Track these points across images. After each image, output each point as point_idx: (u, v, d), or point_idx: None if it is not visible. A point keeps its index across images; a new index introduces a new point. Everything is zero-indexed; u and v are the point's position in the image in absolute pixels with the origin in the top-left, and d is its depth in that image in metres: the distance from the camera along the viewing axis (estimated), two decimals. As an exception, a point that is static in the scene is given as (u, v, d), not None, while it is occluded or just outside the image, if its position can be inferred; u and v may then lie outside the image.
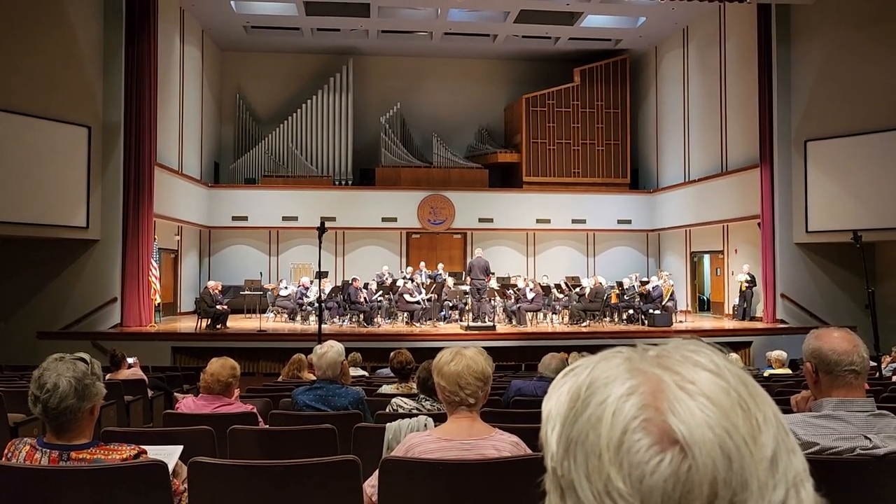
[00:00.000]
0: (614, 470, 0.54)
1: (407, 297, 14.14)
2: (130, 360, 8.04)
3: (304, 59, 20.21)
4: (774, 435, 0.56)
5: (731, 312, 16.20)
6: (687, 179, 18.21)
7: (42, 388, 2.12)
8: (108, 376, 6.99)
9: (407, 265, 18.03)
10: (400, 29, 18.56)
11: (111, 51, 13.36)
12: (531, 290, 14.35)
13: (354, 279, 14.49)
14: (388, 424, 3.16)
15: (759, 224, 14.86)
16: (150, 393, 7.33)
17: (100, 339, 12.20)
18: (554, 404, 0.62)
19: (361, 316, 14.17)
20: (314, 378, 4.97)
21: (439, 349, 2.65)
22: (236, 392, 4.22)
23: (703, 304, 18.40)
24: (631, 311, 14.90)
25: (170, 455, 2.68)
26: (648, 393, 0.56)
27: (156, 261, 13.80)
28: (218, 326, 13.22)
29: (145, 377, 7.62)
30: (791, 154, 14.52)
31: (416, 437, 2.49)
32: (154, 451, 2.53)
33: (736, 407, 0.56)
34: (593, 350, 0.68)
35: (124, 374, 7.57)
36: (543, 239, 19.75)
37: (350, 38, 19.02)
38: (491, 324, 13.80)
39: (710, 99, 17.29)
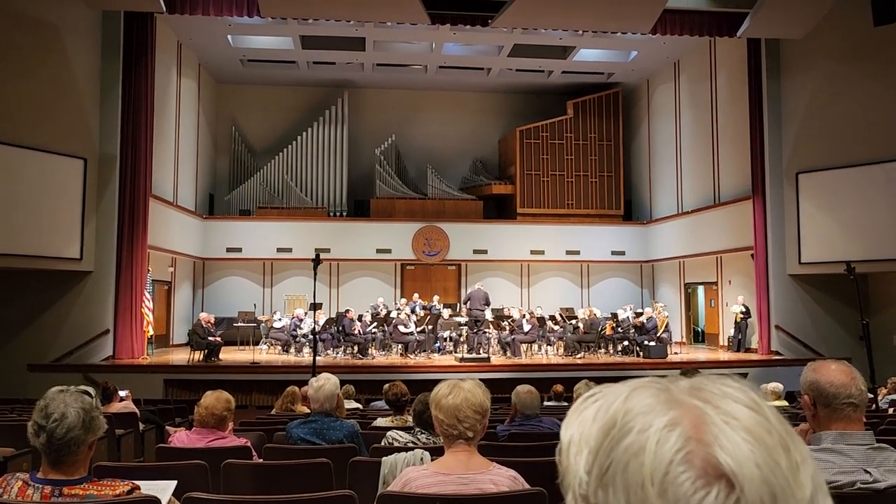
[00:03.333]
0: (659, 502, 0.54)
1: (401, 328, 14.09)
2: (122, 393, 7.94)
3: (299, 91, 20.38)
4: (812, 476, 0.56)
5: (725, 344, 16.18)
6: (680, 211, 18.32)
7: (49, 417, 2.10)
8: (99, 409, 6.90)
9: (401, 297, 17.99)
10: (395, 62, 18.76)
11: (108, 83, 13.45)
12: (527, 321, 14.33)
13: (349, 311, 14.45)
14: (384, 458, 3.13)
15: (752, 255, 14.93)
16: (141, 426, 7.24)
17: (91, 371, 12.07)
18: (577, 430, 0.61)
19: (356, 348, 14.10)
20: (308, 411, 4.93)
21: (434, 381, 2.64)
22: (230, 425, 4.18)
23: (697, 336, 18.38)
24: (626, 343, 14.87)
25: (163, 490, 2.64)
26: (691, 425, 0.56)
27: (149, 292, 13.74)
28: (212, 358, 13.12)
29: (137, 410, 7.53)
30: (783, 186, 14.65)
31: (413, 472, 2.46)
32: (147, 487, 2.50)
33: (778, 446, 0.56)
34: (595, 382, 0.67)
35: (116, 407, 7.48)
36: (537, 270, 19.77)
37: (345, 72, 19.20)
38: (485, 355, 13.74)
39: (702, 131, 17.46)
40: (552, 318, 15.60)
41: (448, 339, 15.07)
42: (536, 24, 13.86)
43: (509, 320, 14.75)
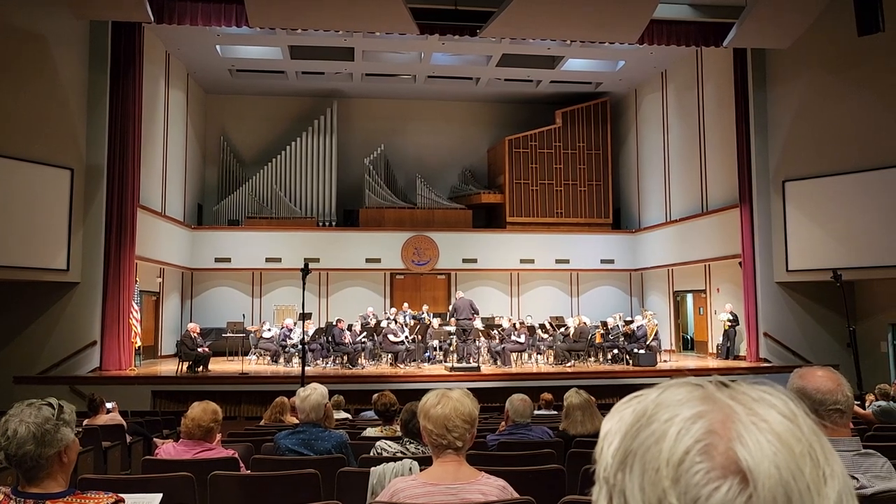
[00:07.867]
0: (670, 484, 0.55)
1: (391, 337, 14.06)
2: (109, 405, 7.88)
3: (288, 101, 20.37)
4: (839, 491, 0.56)
5: (714, 351, 16.23)
6: (668, 219, 18.40)
7: (3, 434, 2.07)
8: (85, 422, 6.85)
9: (391, 306, 17.96)
10: (384, 72, 18.79)
11: (96, 93, 13.40)
12: (517, 332, 14.32)
13: (339, 320, 14.41)
14: (372, 469, 3.11)
15: (740, 263, 15.00)
16: (128, 438, 7.18)
17: (78, 383, 11.97)
18: (615, 423, 0.63)
19: (345, 358, 14.05)
20: (297, 421, 4.90)
21: (424, 391, 2.62)
22: (218, 437, 4.15)
23: (686, 343, 18.43)
24: (616, 351, 14.88)
25: (149, 503, 2.61)
26: (718, 421, 0.57)
27: (137, 303, 13.65)
28: (198, 369, 13.03)
29: (124, 422, 7.47)
30: (770, 194, 14.75)
31: (402, 482, 2.45)
32: (133, 500, 2.47)
33: (805, 455, 0.56)
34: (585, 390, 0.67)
35: (102, 419, 7.42)
36: (527, 279, 19.79)
37: (334, 81, 19.22)
38: (475, 365, 13.72)
39: (690, 140, 17.57)
40: (542, 326, 15.61)
41: (438, 349, 15.04)
42: (524, 34, 13.92)
43: (499, 329, 14.74)
